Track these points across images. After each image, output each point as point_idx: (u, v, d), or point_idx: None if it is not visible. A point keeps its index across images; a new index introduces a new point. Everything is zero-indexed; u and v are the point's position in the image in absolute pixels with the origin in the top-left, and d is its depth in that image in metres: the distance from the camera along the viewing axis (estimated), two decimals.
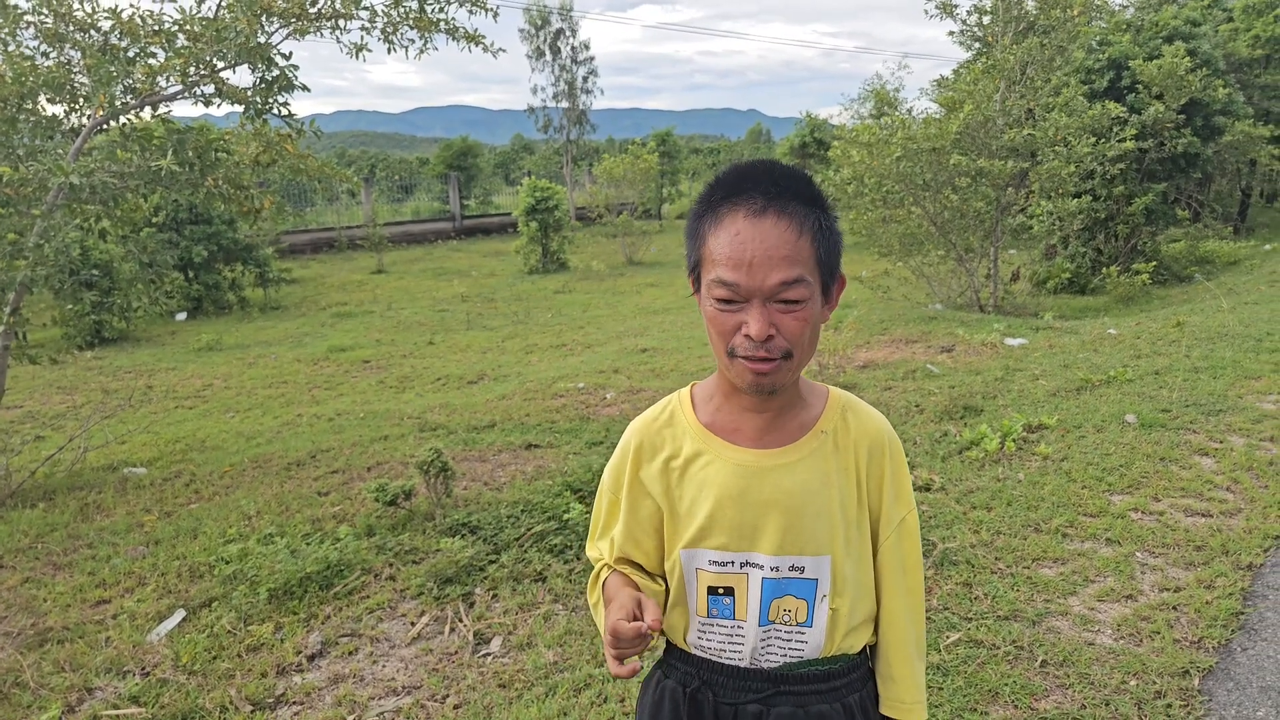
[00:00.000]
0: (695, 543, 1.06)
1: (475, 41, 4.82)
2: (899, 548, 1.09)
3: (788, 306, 0.94)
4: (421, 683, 2.55)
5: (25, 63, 4.21)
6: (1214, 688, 2.28)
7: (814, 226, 0.95)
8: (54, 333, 9.91)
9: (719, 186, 0.98)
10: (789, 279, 0.93)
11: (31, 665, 2.70)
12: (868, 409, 1.11)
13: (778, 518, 1.03)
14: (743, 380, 0.99)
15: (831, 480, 1.05)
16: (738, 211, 0.94)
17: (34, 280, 4.27)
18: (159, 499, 4.33)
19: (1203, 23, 12.45)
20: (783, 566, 1.04)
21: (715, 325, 0.98)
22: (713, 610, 1.06)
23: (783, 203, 0.94)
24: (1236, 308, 7.86)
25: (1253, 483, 3.62)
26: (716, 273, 0.94)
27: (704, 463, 1.06)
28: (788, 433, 1.06)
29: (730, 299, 0.95)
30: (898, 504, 1.08)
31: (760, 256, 0.92)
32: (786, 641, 1.06)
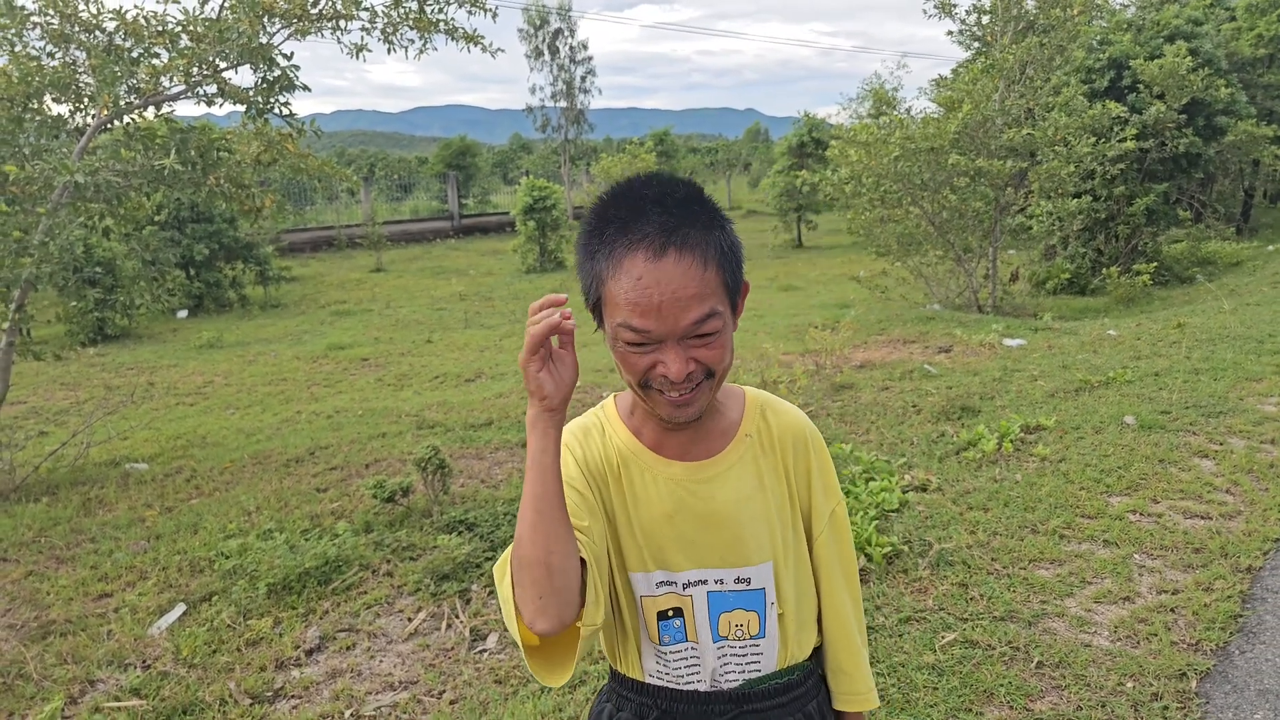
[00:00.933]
0: (638, 566, 1.01)
1: (474, 42, 4.83)
2: (833, 540, 1.08)
3: (704, 339, 0.90)
4: (418, 678, 2.56)
5: (31, 63, 4.23)
6: (1211, 691, 2.29)
7: (717, 252, 0.90)
8: (58, 329, 9.94)
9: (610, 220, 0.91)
10: (701, 315, 0.89)
11: (35, 657, 2.72)
12: (785, 405, 1.09)
13: (716, 531, 1.00)
14: (661, 412, 0.95)
15: (764, 483, 1.03)
16: (635, 254, 0.88)
17: (38, 277, 4.29)
18: (160, 494, 4.35)
19: (1205, 22, 12.43)
20: (728, 579, 1.01)
21: (627, 365, 0.93)
22: (664, 636, 1.02)
23: (682, 235, 0.88)
24: (1238, 309, 7.86)
25: (1253, 485, 3.62)
26: (623, 318, 0.89)
27: (636, 478, 1.02)
28: (713, 442, 1.03)
29: (642, 343, 0.90)
30: (827, 497, 1.08)
31: (668, 299, 0.87)
32: (743, 657, 1.03)
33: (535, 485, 0.85)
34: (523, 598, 0.86)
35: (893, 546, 3.09)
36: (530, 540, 0.85)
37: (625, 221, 0.89)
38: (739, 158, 37.25)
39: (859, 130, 9.17)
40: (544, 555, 0.84)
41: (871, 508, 3.42)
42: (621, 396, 1.08)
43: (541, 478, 0.85)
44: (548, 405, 0.86)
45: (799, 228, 19.48)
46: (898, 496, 3.56)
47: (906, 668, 2.42)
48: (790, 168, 18.35)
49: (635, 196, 0.91)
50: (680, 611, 1.02)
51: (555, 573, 0.85)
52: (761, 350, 6.82)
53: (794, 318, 9.34)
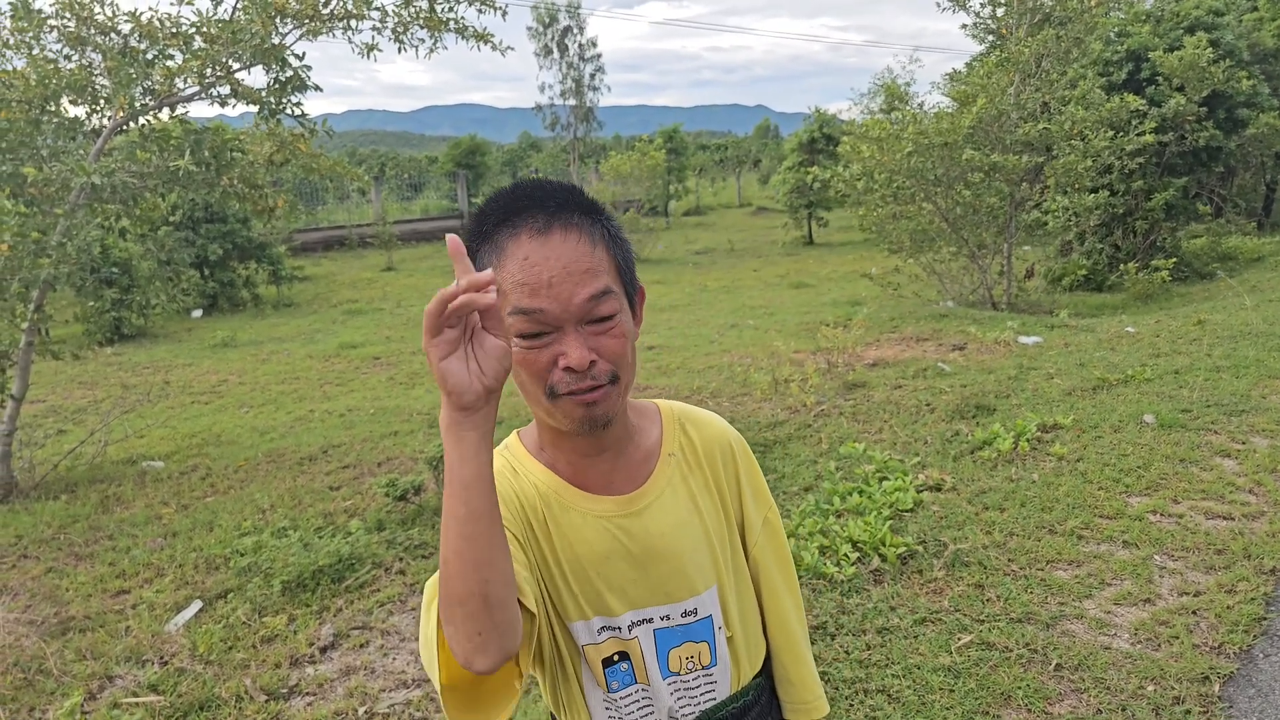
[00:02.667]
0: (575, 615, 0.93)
1: (484, 40, 4.83)
2: (769, 547, 1.04)
3: (602, 325, 0.83)
4: None
5: (49, 66, 4.28)
6: (1235, 694, 2.25)
7: (604, 235, 0.86)
8: (75, 329, 10.07)
9: (489, 215, 0.86)
10: (596, 291, 0.82)
11: (54, 653, 2.75)
12: (705, 415, 1.04)
13: (657, 566, 0.93)
14: (572, 419, 0.85)
15: (697, 504, 0.97)
16: (519, 234, 0.83)
17: (57, 278, 4.34)
18: (176, 492, 4.39)
19: (1226, 12, 12.22)
20: (674, 614, 0.95)
21: (527, 367, 0.83)
22: (612, 684, 0.95)
23: (565, 215, 0.84)
24: (1260, 305, 7.72)
25: (1276, 485, 3.55)
26: (514, 303, 0.81)
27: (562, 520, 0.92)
28: (636, 468, 0.95)
29: (537, 331, 0.82)
30: (758, 504, 1.03)
31: (559, 274, 0.81)
32: (696, 689, 0.98)
33: (458, 506, 0.70)
34: (455, 636, 0.71)
35: (907, 547, 3.06)
36: (460, 573, 0.70)
37: (505, 212, 0.85)
38: (749, 154, 37.10)
39: (871, 126, 9.09)
40: (479, 587, 0.70)
41: (885, 507, 3.39)
42: (525, 432, 0.99)
43: (464, 495, 0.69)
44: (459, 403, 0.68)
45: (810, 224, 19.37)
46: (912, 496, 3.53)
47: (922, 669, 2.39)
48: (801, 164, 18.23)
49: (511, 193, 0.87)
50: (626, 655, 0.95)
51: (494, 606, 0.71)
52: (773, 348, 6.79)
53: (805, 315, 9.29)
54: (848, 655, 2.47)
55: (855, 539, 3.09)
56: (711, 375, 6.22)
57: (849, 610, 2.71)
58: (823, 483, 3.76)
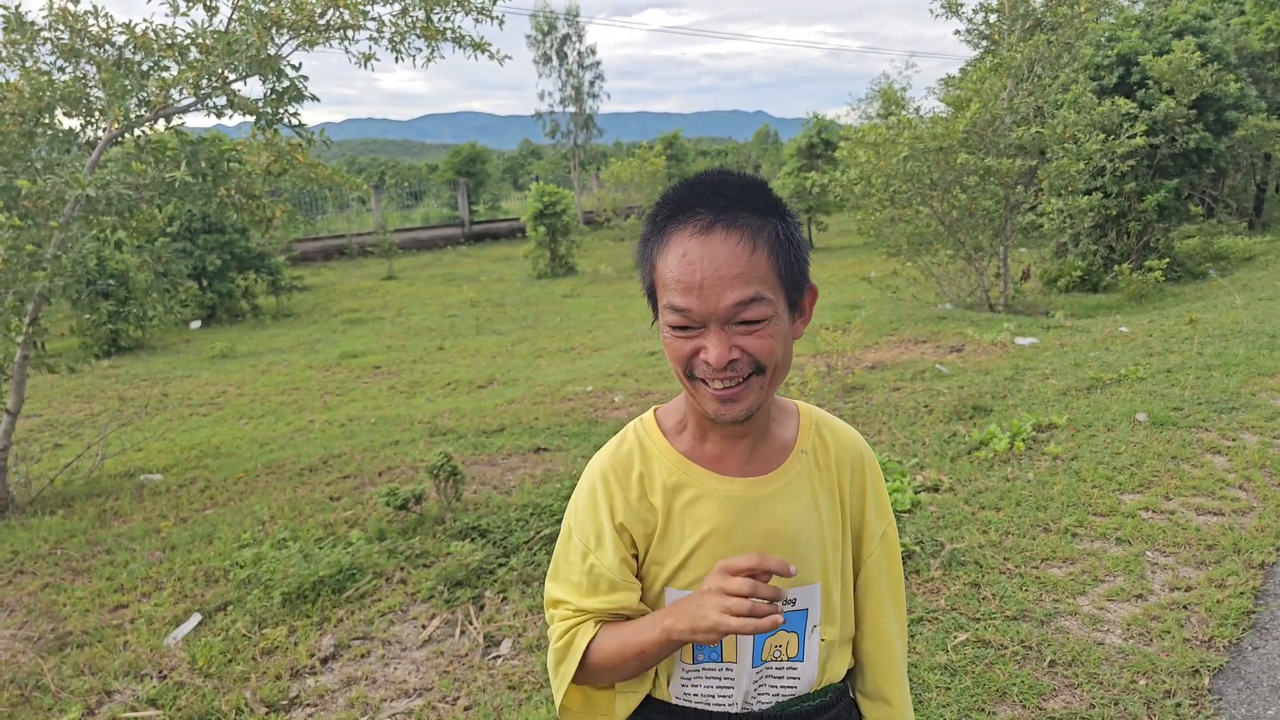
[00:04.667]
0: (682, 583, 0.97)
1: (481, 49, 4.87)
2: (883, 562, 1.05)
3: (749, 327, 0.87)
4: (433, 685, 2.58)
5: (42, 78, 4.30)
6: (1224, 687, 2.27)
7: (770, 238, 0.87)
8: (72, 342, 10.07)
9: (665, 205, 0.90)
10: (744, 299, 0.85)
11: (52, 669, 2.75)
12: (840, 423, 1.07)
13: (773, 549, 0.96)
14: (709, 408, 0.91)
15: (818, 503, 1.00)
16: (684, 230, 0.87)
17: (52, 290, 4.35)
18: (175, 505, 4.39)
19: (1213, 16, 12.33)
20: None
21: (672, 353, 0.90)
22: (698, 655, 0.98)
23: (732, 216, 0.86)
24: (1250, 304, 7.77)
25: (1265, 481, 3.58)
26: (668, 298, 0.87)
27: (689, 497, 0.97)
28: (770, 457, 0.99)
29: (685, 325, 0.87)
30: (879, 518, 1.05)
31: (711, 277, 0.84)
32: (779, 680, 1.00)
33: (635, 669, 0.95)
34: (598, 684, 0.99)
35: (905, 547, 3.08)
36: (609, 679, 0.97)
37: (680, 204, 0.89)
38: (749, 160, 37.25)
39: (868, 131, 9.15)
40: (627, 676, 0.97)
41: None
42: (664, 411, 1.03)
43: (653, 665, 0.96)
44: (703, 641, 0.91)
45: (810, 229, 19.45)
46: (910, 497, 3.55)
47: (919, 668, 2.41)
48: (800, 169, 18.33)
49: (694, 184, 0.90)
50: None
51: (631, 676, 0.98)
52: None
53: None
54: None
55: None
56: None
57: None
58: None
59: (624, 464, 0.99)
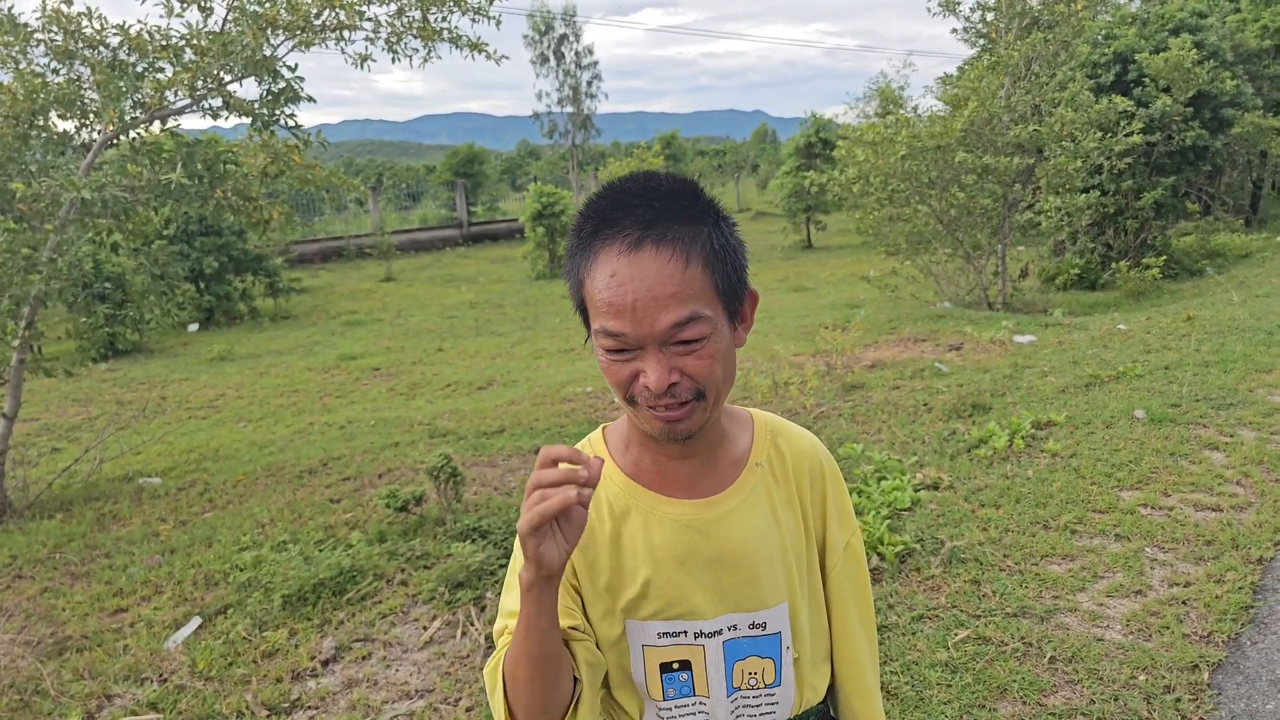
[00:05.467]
0: (644, 614, 0.92)
1: (478, 49, 4.86)
2: (848, 573, 1.00)
3: (687, 347, 0.81)
4: (434, 686, 2.57)
5: (36, 80, 4.29)
6: (1223, 682, 2.27)
7: (704, 250, 0.81)
8: (68, 346, 10.05)
9: (589, 217, 0.83)
10: (680, 319, 0.79)
11: (52, 673, 2.74)
12: (797, 430, 1.01)
13: (729, 574, 0.91)
14: (653, 429, 0.85)
15: (777, 517, 0.94)
16: (611, 248, 0.80)
17: (48, 294, 4.34)
18: (174, 508, 4.38)
19: (1209, 14, 12.37)
20: (743, 625, 0.93)
21: (611, 377, 0.84)
22: (669, 691, 0.93)
23: (662, 228, 0.79)
24: (1247, 301, 7.79)
25: (1263, 476, 3.59)
26: (600, 322, 0.81)
27: (637, 523, 0.92)
28: (722, 474, 0.93)
29: (620, 348, 0.81)
30: (842, 527, 1.00)
31: (643, 298, 0.78)
32: (756, 708, 0.95)
33: (534, 647, 0.81)
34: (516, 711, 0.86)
35: (905, 545, 3.08)
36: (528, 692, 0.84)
37: (604, 215, 0.82)
38: (747, 159, 37.31)
39: (866, 130, 9.16)
40: (542, 702, 0.84)
41: (884, 507, 3.41)
42: (612, 430, 0.98)
43: (541, 640, 0.81)
44: (546, 573, 0.77)
45: (808, 228, 19.46)
46: (910, 495, 3.55)
47: (920, 665, 2.41)
48: (798, 168, 18.34)
49: (619, 191, 0.83)
50: (688, 664, 0.93)
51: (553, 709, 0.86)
52: (772, 351, 6.82)
53: (804, 318, 9.33)
54: None
55: None
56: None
57: None
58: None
59: None
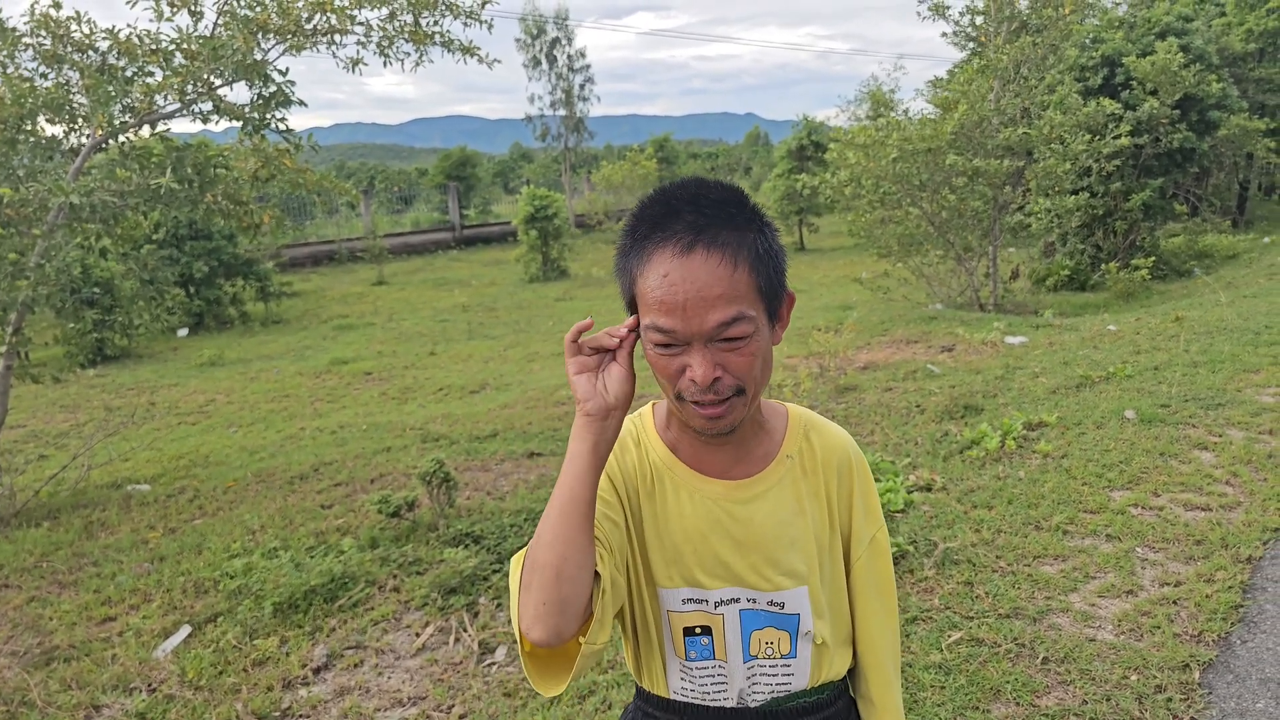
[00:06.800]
0: (665, 582, 0.99)
1: (470, 53, 4.85)
2: (872, 566, 1.05)
3: (731, 344, 0.88)
4: (427, 693, 2.56)
5: (24, 84, 4.25)
6: (1214, 681, 2.29)
7: (750, 254, 0.88)
8: (56, 351, 9.96)
9: (644, 219, 0.90)
10: (727, 319, 0.86)
11: (38, 684, 2.71)
12: (830, 426, 1.07)
13: (752, 552, 0.98)
14: (694, 423, 0.93)
15: (803, 506, 1.00)
16: (664, 250, 0.87)
17: (35, 300, 4.30)
18: (163, 515, 4.35)
19: (1195, 18, 12.50)
20: (760, 601, 0.99)
21: (658, 369, 0.91)
22: (691, 652, 1.00)
23: (712, 234, 0.86)
24: (1235, 301, 7.86)
25: (1252, 476, 3.62)
26: (651, 318, 0.88)
27: (670, 493, 0.99)
28: (754, 461, 1.00)
29: (669, 344, 0.88)
30: (868, 522, 1.05)
31: (693, 298, 0.85)
32: (773, 676, 1.01)
33: (564, 489, 0.86)
34: (525, 601, 0.85)
35: (898, 547, 3.09)
36: (548, 544, 0.84)
37: (658, 219, 0.89)
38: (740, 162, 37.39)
39: (857, 133, 9.21)
40: (557, 561, 0.84)
41: None
42: (659, 406, 1.05)
43: (571, 483, 0.86)
44: (584, 410, 0.87)
45: (801, 231, 19.53)
46: (903, 497, 3.56)
47: (914, 667, 2.41)
48: (790, 171, 18.41)
49: (671, 196, 0.90)
50: (708, 629, 0.99)
51: (564, 581, 0.84)
52: None
53: (797, 320, 9.34)
54: None
55: None
56: None
57: None
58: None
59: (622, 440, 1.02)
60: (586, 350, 0.89)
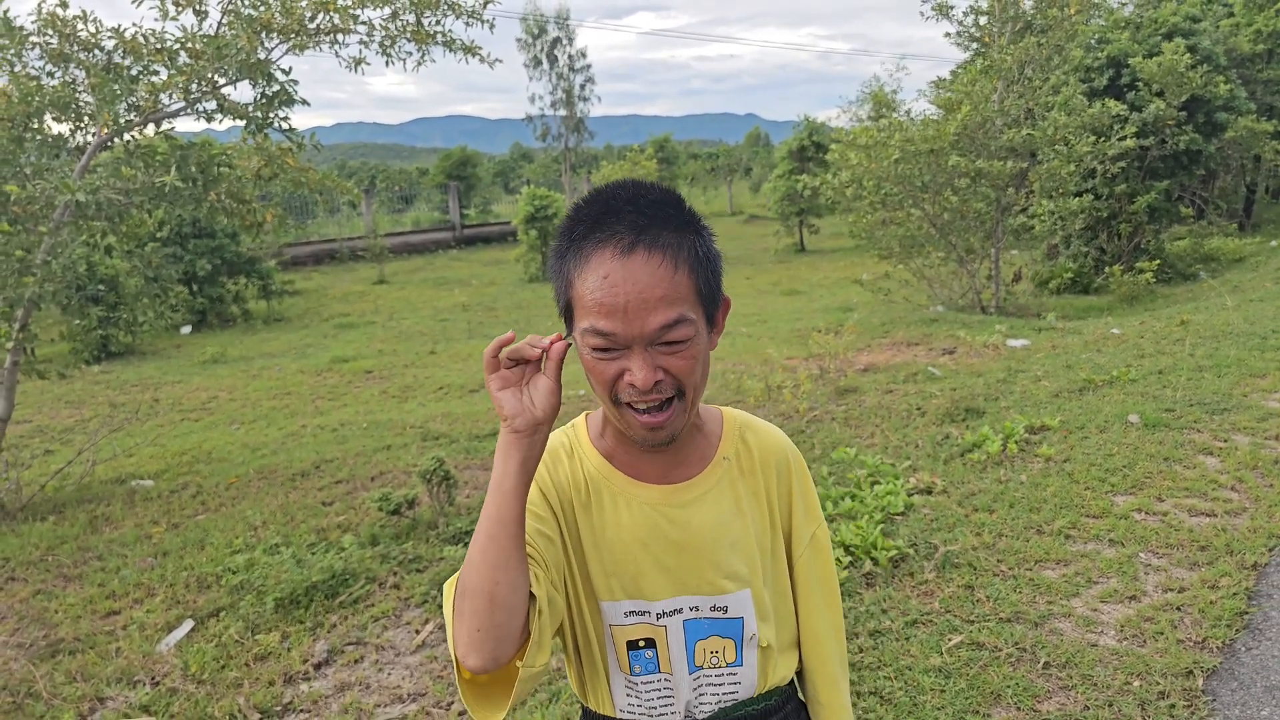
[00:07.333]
0: (606, 595, 0.96)
1: (472, 53, 4.86)
2: (813, 564, 1.05)
3: (672, 347, 0.86)
4: (426, 690, 2.56)
5: (31, 83, 4.28)
6: (1218, 688, 2.28)
7: (690, 256, 0.86)
8: (62, 348, 9.99)
9: (580, 219, 0.87)
10: (669, 320, 0.84)
11: (44, 676, 2.73)
12: (765, 426, 1.06)
13: (693, 557, 0.96)
14: (634, 432, 0.90)
15: (742, 508, 0.99)
16: (604, 250, 0.84)
17: (42, 296, 4.32)
18: (166, 511, 4.36)
19: (1203, 18, 12.44)
20: (704, 607, 0.97)
21: (595, 374, 0.88)
22: (635, 666, 0.97)
23: (653, 234, 0.85)
24: (1241, 305, 7.83)
25: (1257, 481, 3.60)
26: (589, 321, 0.85)
27: (607, 503, 0.97)
28: (691, 464, 0.98)
29: (608, 347, 0.86)
30: (808, 519, 1.04)
31: (635, 300, 0.83)
32: (719, 686, 0.99)
33: (491, 510, 0.82)
34: (460, 628, 0.82)
35: (898, 550, 3.09)
36: (478, 567, 0.81)
37: (596, 219, 0.86)
38: (740, 163, 37.36)
39: (859, 133, 9.19)
40: (489, 585, 0.80)
41: (877, 511, 3.41)
42: (593, 415, 1.03)
43: (499, 503, 0.82)
44: (510, 426, 0.83)
45: (801, 232, 19.50)
46: (903, 500, 3.55)
47: (913, 671, 2.41)
48: (791, 172, 18.38)
49: (610, 197, 0.88)
50: (652, 642, 0.97)
51: (498, 606, 0.80)
52: (766, 355, 6.83)
53: (797, 322, 9.34)
54: None
55: (847, 543, 3.11)
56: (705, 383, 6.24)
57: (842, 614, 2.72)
58: (815, 487, 3.78)
59: (554, 452, 1.00)
60: (506, 364, 0.84)
